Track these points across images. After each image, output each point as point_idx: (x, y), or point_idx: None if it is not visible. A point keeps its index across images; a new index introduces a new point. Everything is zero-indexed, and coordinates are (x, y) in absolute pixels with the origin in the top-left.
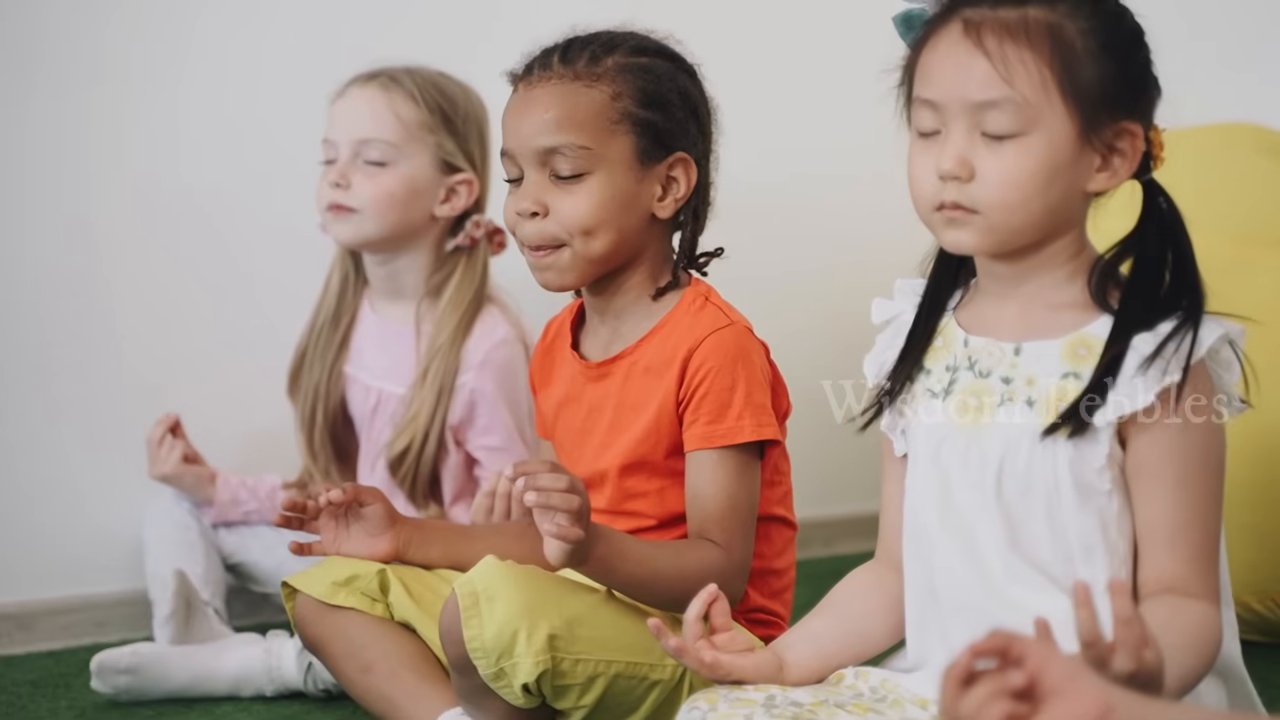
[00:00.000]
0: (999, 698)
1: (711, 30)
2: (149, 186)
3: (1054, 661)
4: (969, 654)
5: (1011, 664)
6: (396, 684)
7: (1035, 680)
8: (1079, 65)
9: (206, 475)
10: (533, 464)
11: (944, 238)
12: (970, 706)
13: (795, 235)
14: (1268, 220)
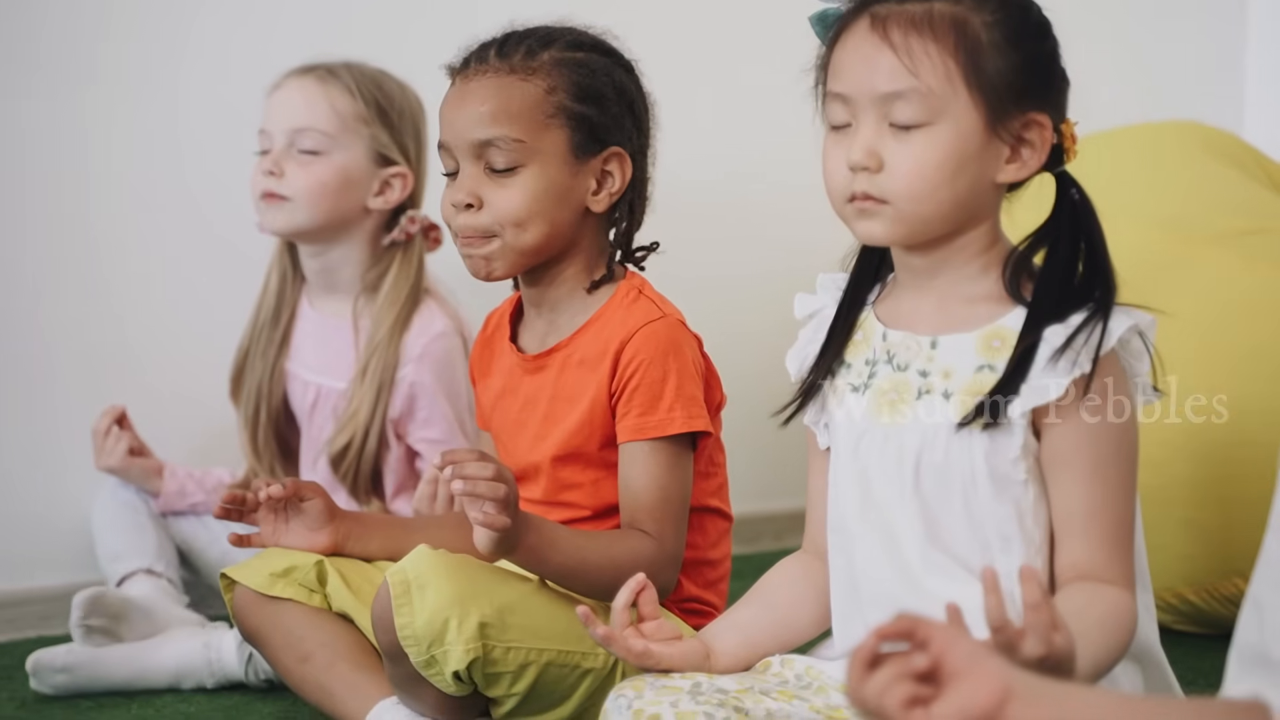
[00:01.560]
0: (902, 680)
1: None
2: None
3: (958, 644)
4: (875, 637)
5: (917, 647)
6: (333, 674)
7: (939, 663)
8: (984, 57)
9: (154, 467)
10: (460, 453)
11: (856, 229)
12: (874, 688)
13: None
14: (1211, 217)
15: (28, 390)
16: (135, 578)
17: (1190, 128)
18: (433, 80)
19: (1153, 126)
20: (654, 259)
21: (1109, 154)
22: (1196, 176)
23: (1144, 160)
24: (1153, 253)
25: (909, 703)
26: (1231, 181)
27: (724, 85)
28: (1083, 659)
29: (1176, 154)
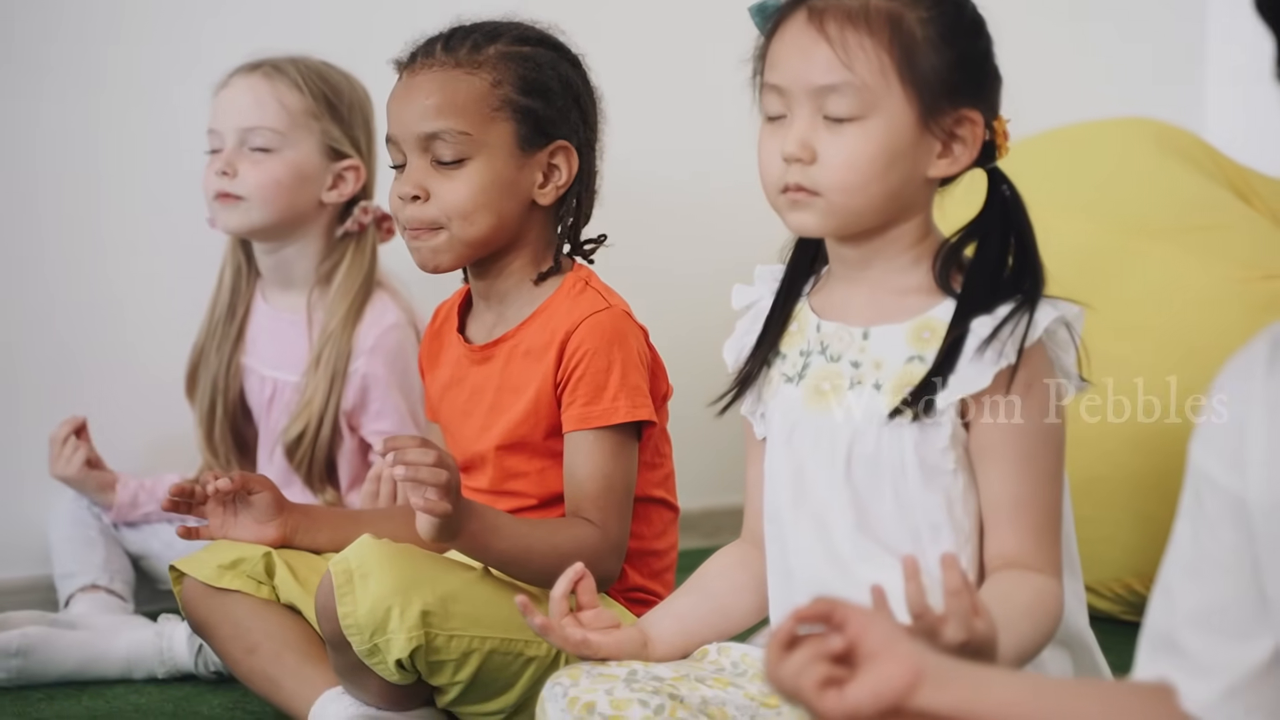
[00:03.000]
0: (818, 661)
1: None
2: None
3: (873, 627)
4: (792, 619)
5: (834, 629)
6: (280, 664)
7: (855, 645)
8: (918, 52)
9: (108, 481)
10: (401, 439)
11: (788, 220)
12: (790, 669)
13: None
14: (1163, 213)
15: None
16: (80, 595)
17: (1146, 124)
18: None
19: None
20: (606, 251)
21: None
22: (1150, 173)
23: (1099, 156)
24: (1104, 248)
25: (823, 684)
26: (1185, 178)
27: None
28: (1007, 645)
29: (1131, 151)
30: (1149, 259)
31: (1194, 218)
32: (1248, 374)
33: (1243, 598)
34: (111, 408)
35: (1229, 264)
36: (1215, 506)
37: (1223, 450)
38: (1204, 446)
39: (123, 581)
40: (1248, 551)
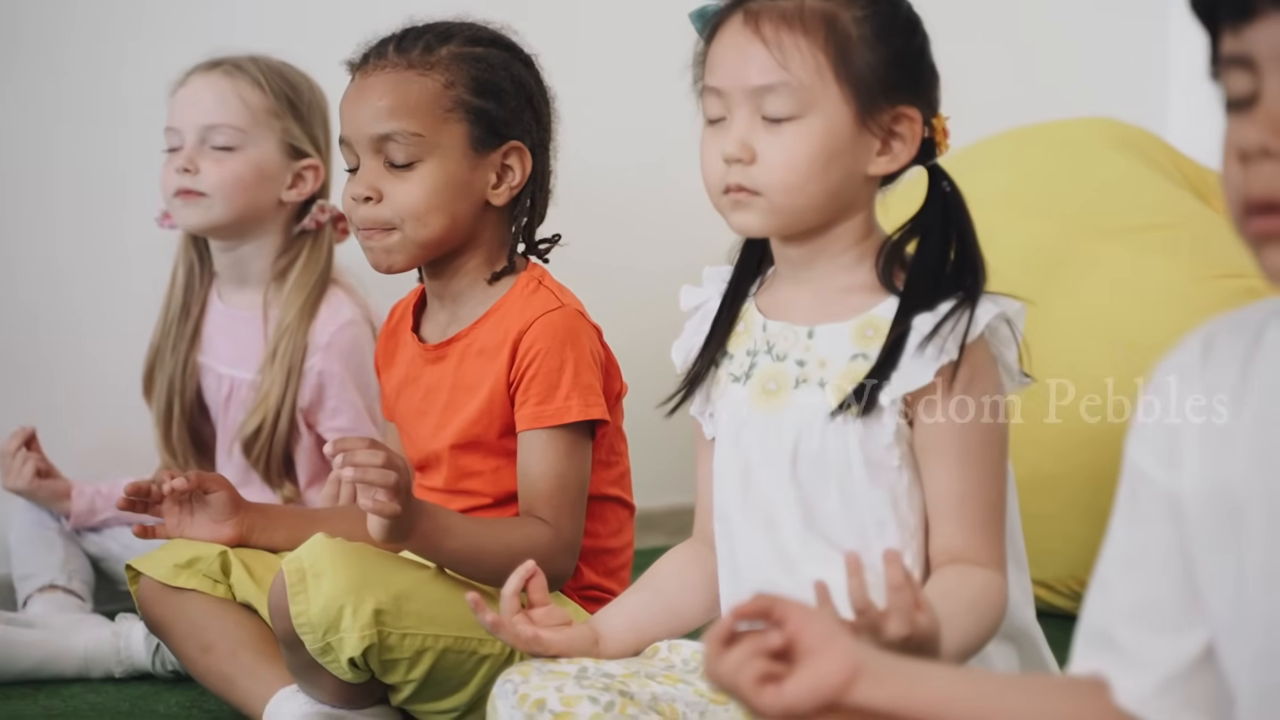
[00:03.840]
0: (756, 657)
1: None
2: None
3: (812, 623)
4: (732, 616)
5: (773, 625)
6: (235, 663)
7: (793, 641)
8: (854, 51)
9: (61, 489)
10: (350, 441)
11: (731, 220)
12: (729, 665)
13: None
14: (1119, 211)
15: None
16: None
17: (1104, 124)
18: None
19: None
20: (563, 251)
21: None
22: (1109, 173)
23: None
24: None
25: (761, 680)
26: (1141, 177)
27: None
28: (951, 639)
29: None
30: (1108, 258)
31: (1152, 217)
32: (1181, 371)
33: (1176, 592)
34: (67, 411)
35: (1188, 263)
36: (1150, 502)
37: (1157, 447)
38: (1139, 443)
39: (81, 581)
40: (1181, 547)
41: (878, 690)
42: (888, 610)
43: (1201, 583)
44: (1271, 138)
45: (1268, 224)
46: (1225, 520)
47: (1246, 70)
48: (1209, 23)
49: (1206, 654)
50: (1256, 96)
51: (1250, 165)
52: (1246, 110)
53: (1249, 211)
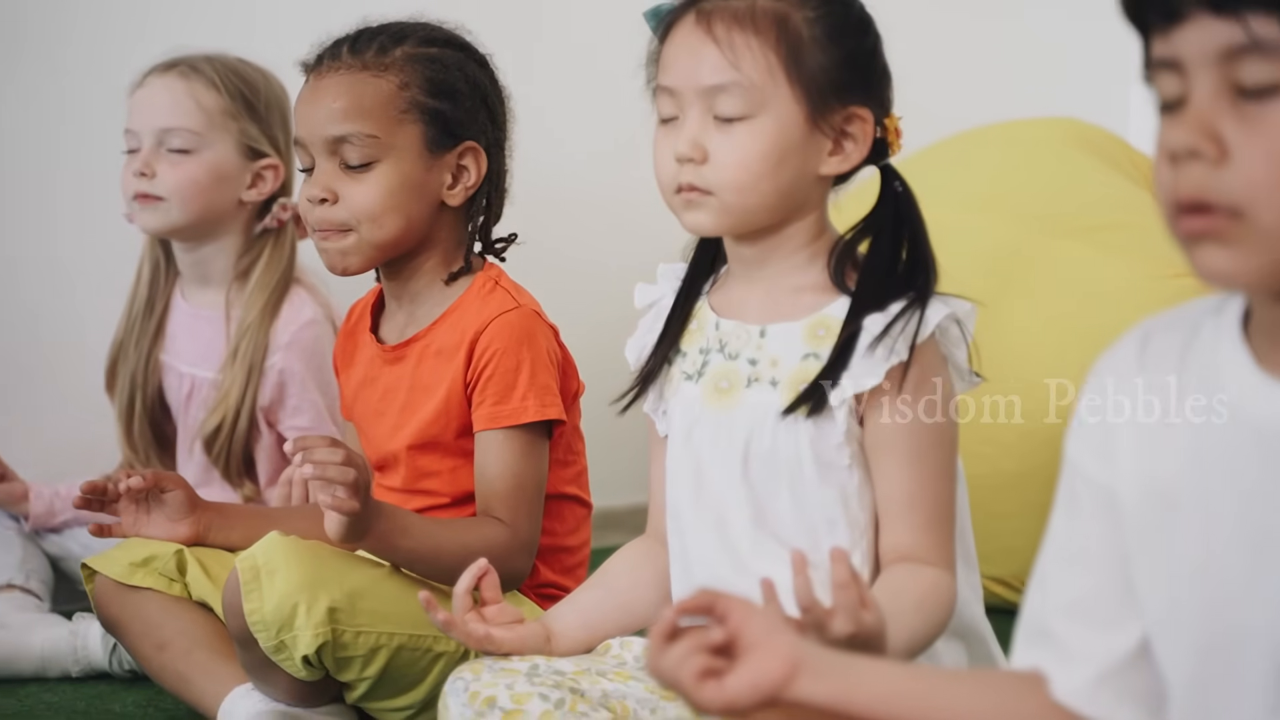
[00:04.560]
0: (698, 652)
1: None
2: None
3: (754, 619)
4: (675, 611)
5: (716, 621)
6: (190, 661)
7: (735, 637)
8: (805, 52)
9: (18, 492)
10: (310, 439)
11: (684, 220)
12: (670, 660)
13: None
14: (1079, 211)
15: None
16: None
17: (1063, 124)
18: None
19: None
20: (521, 249)
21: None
22: (1068, 172)
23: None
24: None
25: (702, 675)
26: (1102, 177)
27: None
28: (898, 637)
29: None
30: (1066, 257)
31: (1112, 216)
32: (1118, 369)
33: (1112, 588)
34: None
35: (1145, 261)
36: (1088, 499)
37: (1095, 444)
38: (1077, 441)
39: (39, 581)
40: (1117, 543)
41: (818, 685)
42: (833, 608)
43: (1137, 578)
44: (1199, 139)
45: (1196, 224)
46: (1160, 516)
47: (1175, 73)
48: (1140, 26)
49: (1142, 648)
50: (1185, 99)
51: (1179, 166)
52: (1177, 112)
53: (1179, 211)
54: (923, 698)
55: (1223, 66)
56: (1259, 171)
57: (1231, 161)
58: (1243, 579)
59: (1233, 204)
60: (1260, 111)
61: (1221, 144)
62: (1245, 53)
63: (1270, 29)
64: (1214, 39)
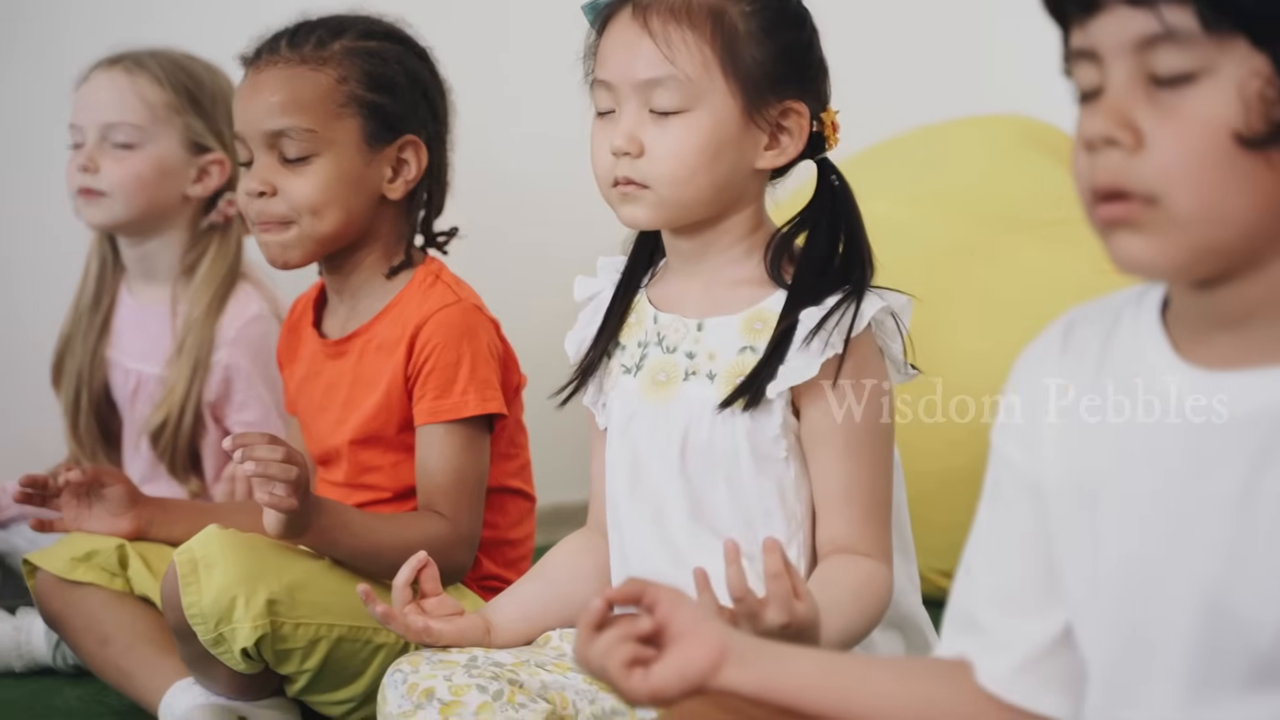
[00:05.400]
0: (624, 641)
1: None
2: None
3: (681, 608)
4: (602, 601)
5: (644, 611)
6: (132, 656)
7: (663, 626)
8: (741, 46)
9: None
10: (250, 436)
11: (620, 213)
12: (598, 650)
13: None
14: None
15: None
16: None
17: (1012, 121)
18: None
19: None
20: (465, 243)
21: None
22: (1017, 169)
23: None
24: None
25: (629, 664)
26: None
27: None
28: (832, 628)
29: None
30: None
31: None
32: (1042, 359)
33: (1036, 576)
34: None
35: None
36: (1013, 489)
37: (1020, 434)
38: (1003, 431)
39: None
40: (1042, 531)
41: (744, 673)
42: (766, 598)
43: (1060, 565)
44: (1114, 127)
45: (1113, 211)
46: (1082, 504)
47: (1093, 63)
48: (1059, 18)
49: (1065, 635)
50: (1103, 88)
51: (1096, 154)
52: (1094, 101)
53: (1096, 199)
54: (848, 686)
55: (1138, 56)
56: (1173, 158)
57: (1146, 149)
58: (1162, 565)
59: (1148, 191)
60: (1174, 99)
61: (1137, 132)
62: (1159, 41)
63: (1183, 18)
64: (1129, 28)
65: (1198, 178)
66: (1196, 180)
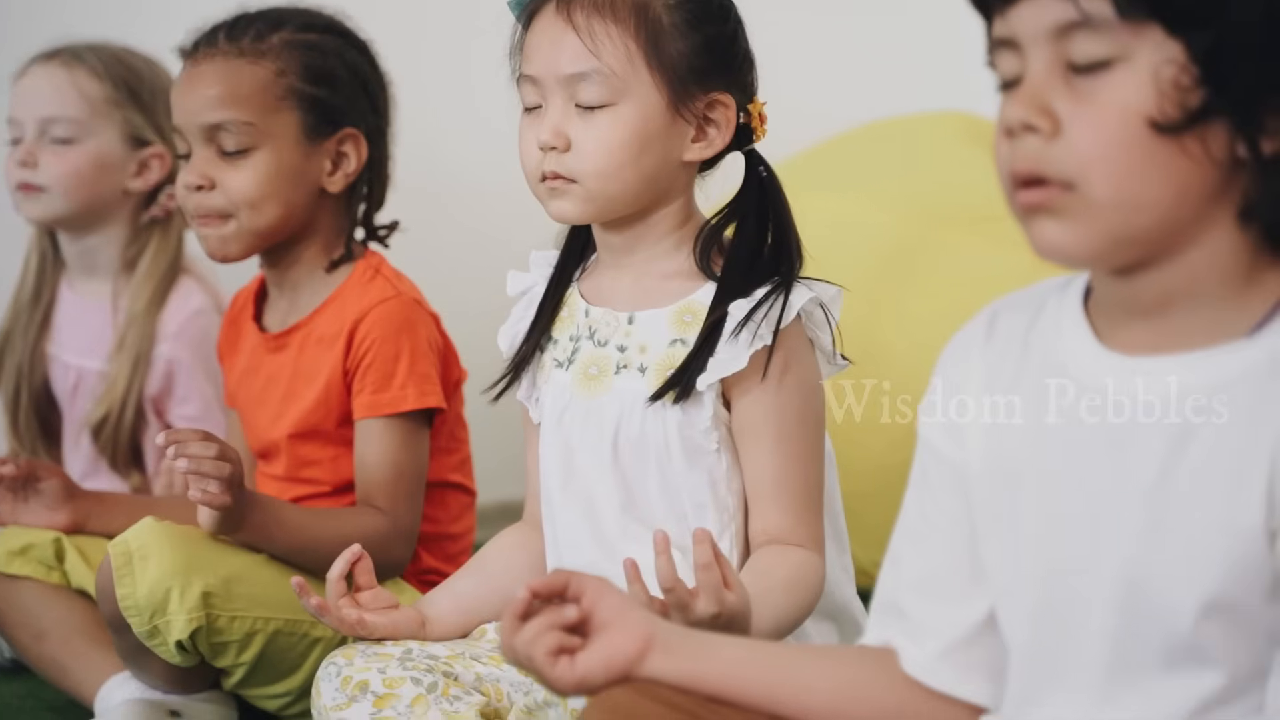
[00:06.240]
0: (550, 631)
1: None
2: None
3: (606, 597)
4: (528, 591)
5: (570, 600)
6: (68, 650)
7: (589, 615)
8: (665, 39)
9: None
10: (183, 432)
11: (549, 208)
12: (523, 639)
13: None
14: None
15: None
16: None
17: (956, 118)
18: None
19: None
20: (406, 236)
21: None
22: (953, 164)
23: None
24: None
25: (555, 653)
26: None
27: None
28: (764, 617)
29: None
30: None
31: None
32: (967, 348)
33: (960, 562)
34: None
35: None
36: (938, 476)
37: (945, 423)
38: (929, 420)
39: None
40: (967, 518)
41: (669, 661)
42: (696, 588)
43: (983, 550)
44: (1033, 113)
45: (1032, 196)
46: (1005, 489)
47: (1013, 51)
48: (982, 9)
49: (989, 621)
50: (1022, 76)
51: (1015, 140)
52: (1014, 89)
53: (1015, 185)
54: (774, 674)
55: (1056, 43)
56: (1089, 144)
57: (1064, 135)
58: (1082, 549)
59: (1065, 177)
60: (1091, 86)
61: (1054, 118)
62: (1076, 29)
63: (1100, 6)
64: (1047, 16)
65: (1114, 163)
66: (1112, 166)
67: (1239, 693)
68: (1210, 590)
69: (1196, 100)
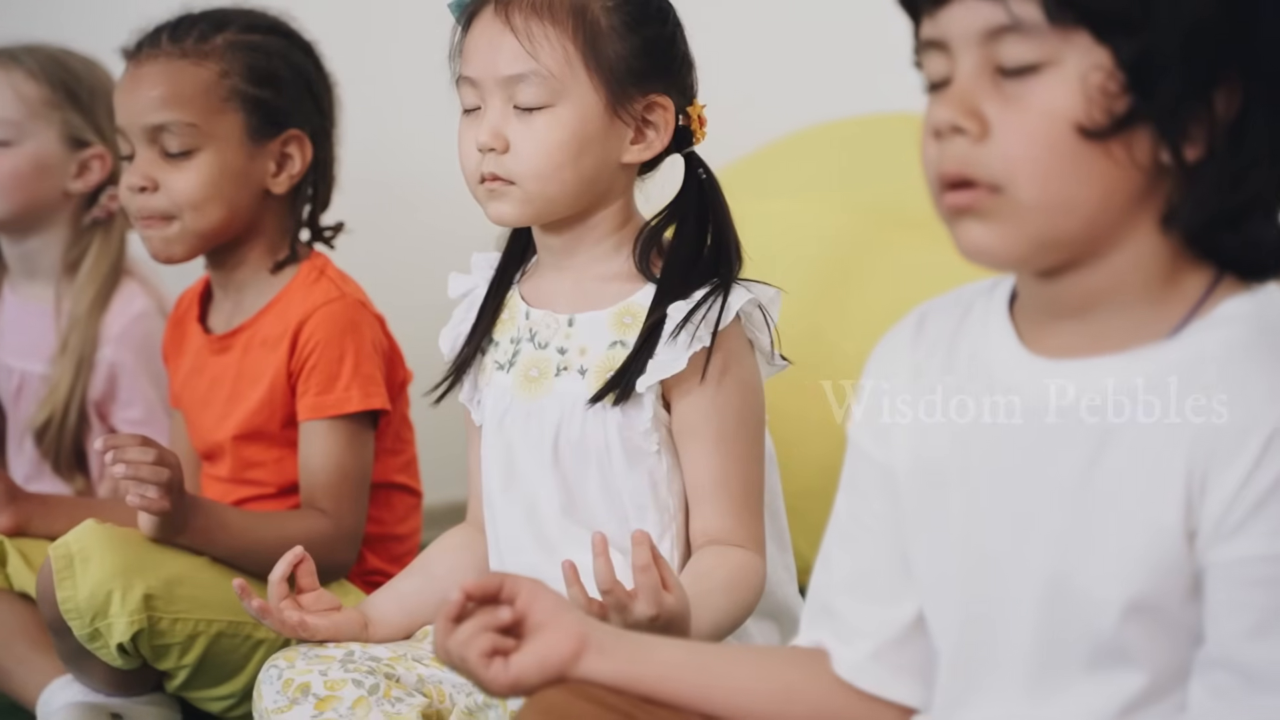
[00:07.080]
0: (484, 632)
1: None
2: None
3: (540, 599)
4: (462, 593)
5: (504, 602)
6: (9, 653)
7: (523, 617)
8: (603, 41)
9: None
10: (121, 437)
11: (488, 210)
12: (457, 641)
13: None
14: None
15: None
16: None
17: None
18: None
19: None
20: (351, 238)
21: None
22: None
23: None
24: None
25: (489, 654)
26: None
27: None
28: (704, 619)
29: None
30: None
31: None
32: (895, 350)
33: (889, 564)
34: None
35: None
36: (867, 478)
37: (873, 425)
38: (857, 421)
39: None
40: (895, 520)
41: (603, 662)
42: (634, 590)
43: (911, 551)
44: (961, 115)
45: (959, 199)
46: (929, 491)
47: (942, 53)
48: (911, 10)
49: (918, 622)
50: (951, 78)
51: (943, 142)
52: (943, 91)
53: (943, 187)
54: (708, 675)
55: (985, 46)
56: (1017, 147)
57: (992, 138)
58: (1005, 551)
59: (993, 179)
60: (1019, 90)
61: (983, 120)
62: (1006, 32)
63: (1029, 10)
64: (977, 19)
65: (1040, 167)
66: (1039, 169)
67: (1162, 693)
68: (1132, 590)
69: (1123, 106)
